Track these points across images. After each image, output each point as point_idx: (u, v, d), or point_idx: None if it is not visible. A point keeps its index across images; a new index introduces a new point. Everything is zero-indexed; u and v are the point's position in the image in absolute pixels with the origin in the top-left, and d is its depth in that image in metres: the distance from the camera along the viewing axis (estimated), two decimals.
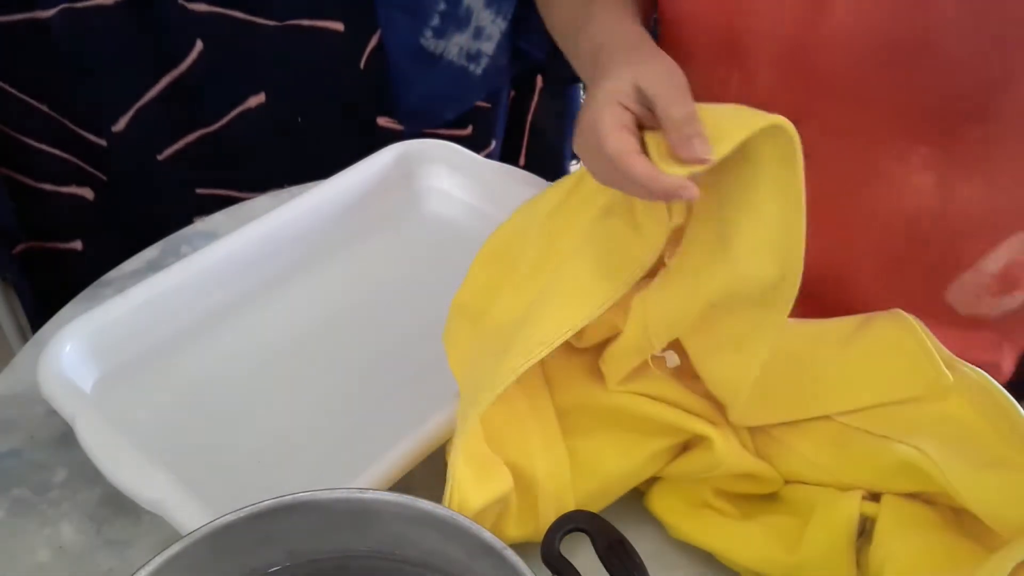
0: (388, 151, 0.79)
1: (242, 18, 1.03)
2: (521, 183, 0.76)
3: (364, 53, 1.07)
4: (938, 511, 0.53)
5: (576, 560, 0.45)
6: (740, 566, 0.55)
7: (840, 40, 0.53)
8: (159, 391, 0.65)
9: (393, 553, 0.44)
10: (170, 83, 1.05)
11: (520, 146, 1.30)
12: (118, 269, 0.76)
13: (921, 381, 0.53)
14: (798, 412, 0.56)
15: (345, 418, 0.63)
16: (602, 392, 0.58)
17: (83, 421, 0.57)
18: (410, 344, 0.68)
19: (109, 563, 0.57)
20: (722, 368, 0.55)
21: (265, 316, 0.71)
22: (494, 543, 0.40)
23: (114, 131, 1.06)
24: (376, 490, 0.43)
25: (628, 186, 0.48)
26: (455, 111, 1.15)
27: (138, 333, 0.65)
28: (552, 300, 0.53)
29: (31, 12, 0.95)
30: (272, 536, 0.42)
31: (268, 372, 0.67)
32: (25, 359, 0.68)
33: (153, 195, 1.14)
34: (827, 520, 0.53)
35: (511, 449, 0.55)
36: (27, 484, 0.61)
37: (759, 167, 0.47)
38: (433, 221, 0.80)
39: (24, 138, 1.06)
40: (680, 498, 0.58)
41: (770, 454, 0.57)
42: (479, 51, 1.10)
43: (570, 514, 0.46)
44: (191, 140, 1.11)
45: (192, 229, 0.81)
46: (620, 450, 0.57)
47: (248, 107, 1.10)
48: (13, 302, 1.21)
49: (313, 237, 0.74)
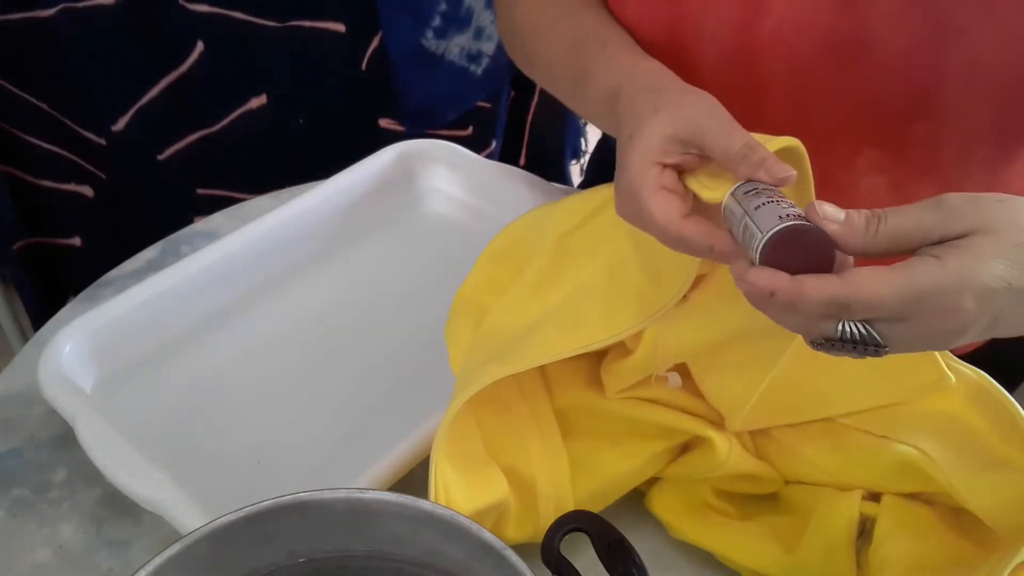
0: (388, 151, 0.79)
1: (243, 19, 1.03)
2: (521, 183, 0.76)
3: (365, 54, 1.07)
4: (938, 511, 0.53)
5: (576, 560, 0.45)
6: (740, 566, 0.55)
7: (779, 41, 0.52)
8: (159, 391, 0.65)
9: (393, 553, 0.44)
10: (170, 83, 1.05)
11: (520, 146, 1.30)
12: (118, 269, 0.76)
13: (922, 382, 0.53)
14: (799, 416, 0.56)
15: (345, 418, 0.63)
16: (602, 395, 0.58)
17: (83, 421, 0.57)
18: (410, 344, 0.68)
19: (109, 563, 0.57)
20: (726, 388, 0.55)
21: (265, 316, 0.71)
22: (494, 543, 0.40)
23: (114, 131, 1.06)
24: (376, 490, 0.43)
25: (683, 249, 0.46)
26: (456, 111, 1.15)
27: (138, 333, 0.65)
28: (559, 325, 0.53)
29: (32, 11, 0.96)
30: (272, 536, 0.42)
31: (268, 372, 0.67)
32: (25, 359, 0.68)
33: (153, 195, 1.14)
34: (827, 520, 0.53)
35: (510, 451, 0.55)
36: (27, 484, 0.61)
37: None
38: (433, 221, 0.80)
39: (25, 136, 1.06)
40: (680, 498, 0.58)
41: (770, 454, 0.57)
42: (480, 51, 1.10)
43: (570, 514, 0.46)
44: (192, 140, 1.11)
45: (192, 229, 0.81)
46: (620, 451, 0.57)
47: (249, 108, 1.10)
48: (13, 302, 1.22)
49: (313, 237, 0.75)
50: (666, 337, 0.53)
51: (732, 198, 0.44)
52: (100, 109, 1.05)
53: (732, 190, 0.44)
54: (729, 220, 0.44)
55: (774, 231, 0.40)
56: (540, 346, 0.51)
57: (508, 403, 0.57)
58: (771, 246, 0.40)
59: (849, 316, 0.39)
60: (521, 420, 0.57)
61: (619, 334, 0.52)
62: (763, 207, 0.41)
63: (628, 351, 0.55)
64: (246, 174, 1.15)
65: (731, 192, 0.44)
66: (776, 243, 0.40)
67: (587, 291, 0.54)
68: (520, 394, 0.57)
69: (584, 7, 0.59)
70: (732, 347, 0.53)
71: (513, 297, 0.57)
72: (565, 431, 0.57)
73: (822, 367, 0.54)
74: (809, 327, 0.41)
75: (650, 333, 0.53)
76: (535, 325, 0.54)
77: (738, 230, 0.43)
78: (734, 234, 0.43)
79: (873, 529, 0.52)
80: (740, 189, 0.43)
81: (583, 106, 0.58)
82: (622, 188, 0.47)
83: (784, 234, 0.40)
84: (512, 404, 0.57)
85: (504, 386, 0.56)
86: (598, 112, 0.54)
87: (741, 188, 0.43)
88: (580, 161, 1.34)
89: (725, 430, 0.56)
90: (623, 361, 0.55)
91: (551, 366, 0.58)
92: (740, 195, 0.43)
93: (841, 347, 0.41)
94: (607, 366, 0.57)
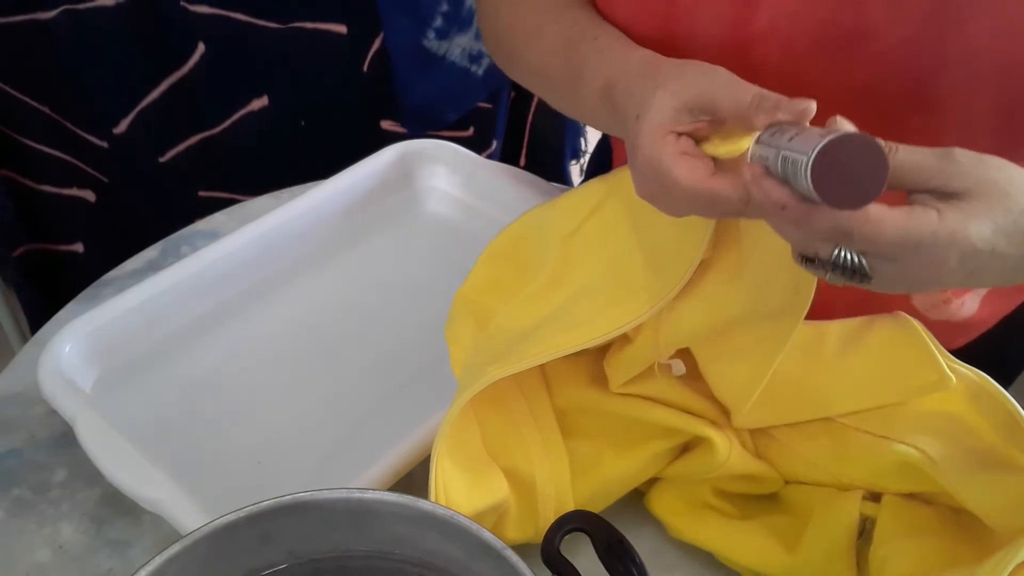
0: (388, 151, 0.79)
1: (244, 20, 1.03)
2: (521, 183, 0.76)
3: (367, 56, 1.07)
4: (938, 511, 0.53)
5: (576, 560, 0.45)
6: (740, 566, 0.55)
7: (774, 33, 0.52)
8: (159, 391, 0.65)
9: (393, 553, 0.44)
10: (172, 85, 1.05)
11: (520, 146, 1.30)
12: (118, 269, 0.76)
13: (923, 382, 0.53)
14: (800, 415, 0.56)
15: (345, 418, 0.63)
16: (602, 394, 0.58)
17: (83, 421, 0.57)
18: (410, 344, 0.68)
19: (109, 563, 0.57)
20: (731, 375, 0.55)
21: (265, 316, 0.71)
22: (494, 543, 0.40)
23: (115, 133, 1.06)
24: (376, 490, 0.43)
25: (718, 208, 0.45)
26: (457, 112, 1.15)
27: (138, 333, 0.65)
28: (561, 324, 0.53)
29: (32, 13, 0.95)
30: (272, 536, 0.42)
31: (268, 372, 0.67)
32: (25, 359, 0.68)
33: (154, 198, 1.14)
34: (827, 520, 0.52)
35: (510, 451, 0.55)
36: (27, 484, 0.61)
37: None
38: (433, 221, 0.80)
39: (25, 140, 1.06)
40: (680, 498, 0.58)
41: (770, 454, 0.57)
42: (481, 52, 1.10)
43: (570, 514, 0.46)
44: (193, 143, 1.11)
45: (192, 229, 0.81)
46: (620, 451, 0.57)
47: (250, 109, 1.10)
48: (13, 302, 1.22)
49: (313, 237, 0.75)
50: (667, 322, 0.53)
51: (759, 144, 0.42)
52: (101, 111, 1.05)
53: (756, 138, 0.43)
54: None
55: (822, 143, 0.38)
56: (539, 344, 0.51)
57: (508, 403, 0.57)
58: (821, 159, 0.38)
59: (848, 245, 0.41)
60: (521, 420, 0.57)
61: (623, 326, 0.52)
62: (797, 137, 0.40)
63: (630, 340, 0.55)
64: (248, 176, 1.15)
65: (756, 140, 0.43)
66: (826, 154, 0.38)
67: (589, 290, 0.54)
68: (520, 394, 0.57)
69: (572, 7, 0.59)
70: (734, 331, 0.53)
71: (521, 301, 0.57)
72: (565, 431, 0.57)
73: (823, 366, 0.54)
74: (807, 245, 0.42)
75: (651, 319, 0.53)
76: (538, 326, 0.54)
77: (775, 170, 0.41)
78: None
79: (873, 529, 0.52)
80: (764, 134, 0.42)
81: (577, 105, 0.57)
82: (639, 166, 0.47)
83: (832, 145, 0.38)
84: (512, 404, 0.57)
85: (504, 386, 0.56)
86: (595, 109, 0.54)
87: (765, 133, 0.42)
88: (580, 161, 1.34)
89: (725, 430, 0.56)
90: (625, 350, 0.55)
91: (551, 366, 0.58)
92: (766, 138, 0.42)
93: (830, 269, 0.42)
94: (610, 359, 0.57)
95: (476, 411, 0.55)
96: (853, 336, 0.55)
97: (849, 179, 0.38)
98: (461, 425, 0.53)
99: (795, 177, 0.40)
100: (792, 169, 0.40)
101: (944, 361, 0.52)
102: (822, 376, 0.54)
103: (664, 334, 0.53)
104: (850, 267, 0.42)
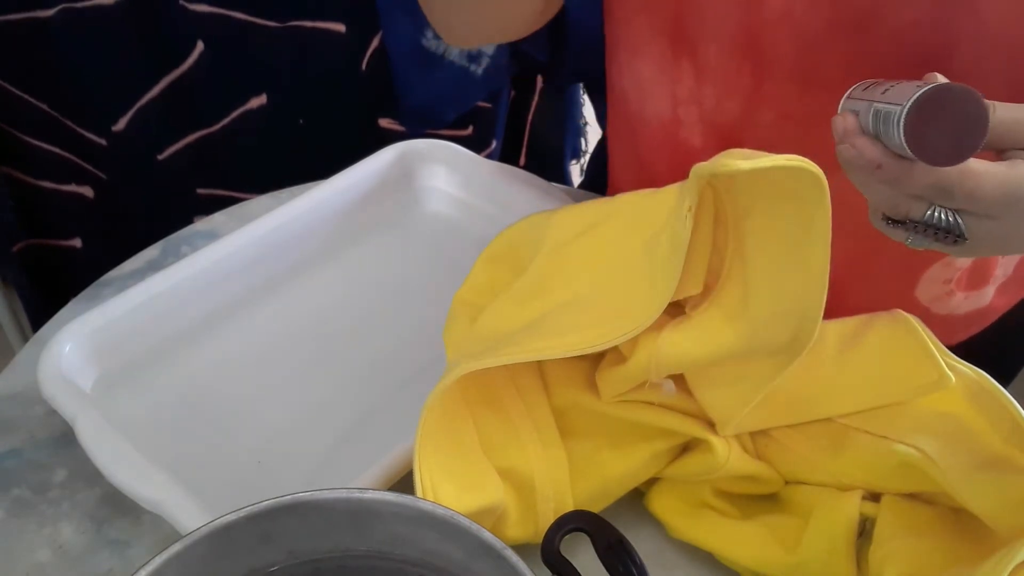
0: (388, 151, 0.79)
1: (243, 19, 1.03)
2: (521, 183, 0.76)
3: (366, 54, 1.07)
4: (938, 511, 0.53)
5: (576, 560, 0.45)
6: (740, 566, 0.55)
7: (786, 18, 0.52)
8: (159, 391, 0.65)
9: (393, 553, 0.44)
10: (170, 83, 1.05)
11: (520, 146, 1.30)
12: (118, 269, 0.76)
13: (922, 382, 0.53)
14: (798, 416, 0.56)
15: (345, 418, 0.63)
16: (599, 397, 0.58)
17: (83, 421, 0.57)
18: (410, 344, 0.68)
19: (109, 563, 0.57)
20: (721, 398, 0.55)
21: (265, 316, 0.71)
22: (494, 543, 0.40)
23: (114, 131, 1.06)
24: (376, 490, 0.43)
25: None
26: (456, 111, 1.15)
27: (138, 333, 0.65)
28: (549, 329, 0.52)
29: (31, 12, 0.96)
30: (272, 536, 0.42)
31: (268, 372, 0.67)
32: (25, 359, 0.68)
33: (153, 195, 1.14)
34: (827, 520, 0.53)
35: (509, 451, 0.55)
36: (27, 484, 0.61)
37: (786, 239, 0.47)
38: (433, 221, 0.80)
39: (24, 136, 1.06)
40: (680, 498, 0.58)
41: (770, 455, 0.57)
42: (480, 51, 1.10)
43: (570, 514, 0.46)
44: (191, 141, 1.11)
45: (192, 229, 0.81)
46: (619, 451, 0.57)
47: (249, 108, 1.10)
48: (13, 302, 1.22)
49: (313, 237, 0.75)
50: (662, 348, 0.53)
51: (850, 99, 0.40)
52: (100, 109, 1.05)
53: (848, 94, 0.40)
54: None
55: (918, 92, 0.36)
56: (516, 346, 0.51)
57: (506, 404, 0.57)
58: (917, 110, 0.36)
59: (945, 202, 0.38)
60: (519, 420, 0.57)
61: (612, 340, 0.51)
62: (891, 89, 0.38)
63: (623, 358, 0.55)
64: (246, 174, 1.15)
65: (847, 95, 0.40)
66: (923, 105, 0.36)
67: (581, 300, 0.54)
68: (518, 394, 0.57)
69: None
70: (728, 365, 0.53)
71: (504, 302, 0.57)
72: (564, 431, 0.57)
73: (822, 366, 0.54)
74: (897, 204, 0.40)
75: (645, 343, 0.53)
76: (523, 329, 0.53)
77: (865, 126, 0.39)
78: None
79: (873, 529, 0.52)
80: (856, 89, 0.40)
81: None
82: None
83: (930, 95, 0.36)
84: (510, 404, 0.57)
85: (501, 386, 0.56)
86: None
87: (856, 88, 0.40)
88: (580, 161, 1.34)
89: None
90: (617, 368, 0.55)
91: (549, 367, 0.58)
92: (859, 92, 0.40)
93: (920, 232, 0.39)
94: (601, 372, 0.57)
95: (472, 412, 0.55)
96: (852, 335, 0.55)
97: (947, 132, 0.36)
98: (453, 426, 0.53)
99: (887, 132, 0.37)
100: (884, 123, 0.37)
101: (943, 359, 0.52)
102: (821, 376, 0.55)
103: (658, 358, 0.53)
104: (944, 227, 0.39)
